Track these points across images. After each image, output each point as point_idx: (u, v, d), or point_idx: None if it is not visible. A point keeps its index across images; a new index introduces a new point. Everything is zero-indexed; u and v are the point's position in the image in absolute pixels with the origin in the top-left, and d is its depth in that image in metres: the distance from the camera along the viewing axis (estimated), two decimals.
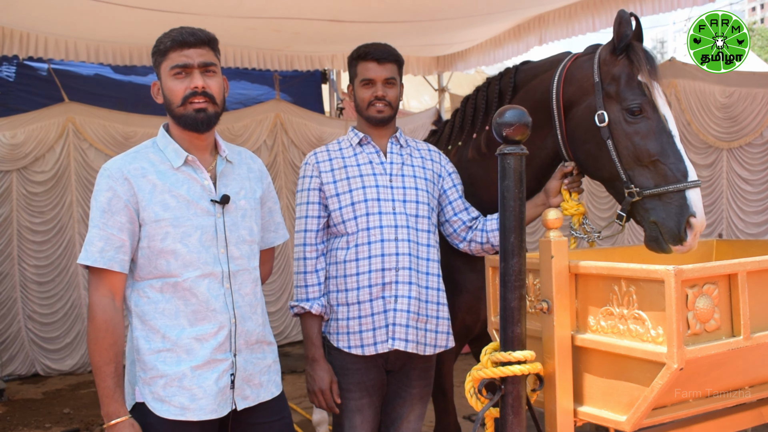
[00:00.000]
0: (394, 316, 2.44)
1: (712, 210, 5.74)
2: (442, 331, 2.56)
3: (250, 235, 2.17)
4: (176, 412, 2.00)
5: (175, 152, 2.09)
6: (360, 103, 2.58)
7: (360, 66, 2.57)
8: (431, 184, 2.62)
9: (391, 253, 2.45)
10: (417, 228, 2.51)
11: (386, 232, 2.46)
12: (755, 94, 5.34)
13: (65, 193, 6.19)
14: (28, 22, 5.29)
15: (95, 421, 4.91)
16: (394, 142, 2.63)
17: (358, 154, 2.58)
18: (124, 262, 2.02)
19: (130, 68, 6.49)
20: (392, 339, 2.44)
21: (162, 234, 2.02)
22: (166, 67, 2.05)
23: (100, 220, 2.01)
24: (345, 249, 2.48)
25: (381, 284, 2.45)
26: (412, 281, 2.46)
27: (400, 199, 2.51)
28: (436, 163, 2.68)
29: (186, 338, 2.03)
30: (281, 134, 6.93)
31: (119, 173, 2.03)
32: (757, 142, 5.39)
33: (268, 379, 2.19)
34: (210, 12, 4.87)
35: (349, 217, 2.48)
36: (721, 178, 5.65)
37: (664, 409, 1.85)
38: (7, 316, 5.99)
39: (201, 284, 2.04)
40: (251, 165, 2.28)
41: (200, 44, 2.05)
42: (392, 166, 2.57)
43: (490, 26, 6.27)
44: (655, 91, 2.32)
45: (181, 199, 2.05)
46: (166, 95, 2.08)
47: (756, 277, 1.83)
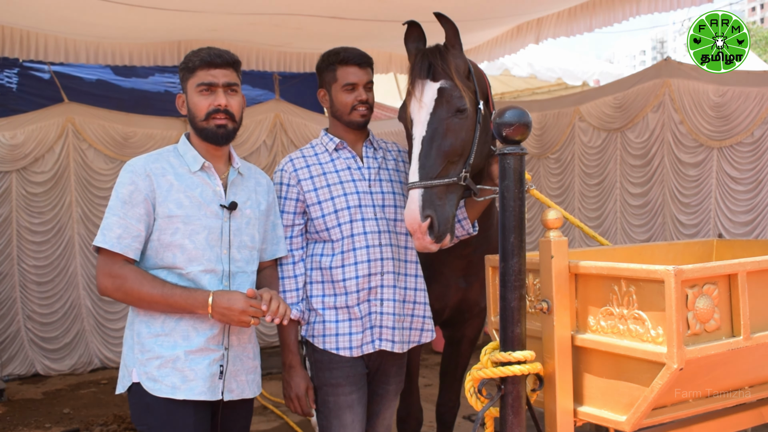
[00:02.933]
0: (381, 318, 2.53)
1: (700, 209, 5.75)
2: (420, 328, 2.66)
3: (252, 242, 2.34)
4: (167, 390, 2.15)
5: (193, 158, 2.29)
6: (342, 108, 2.60)
7: (340, 70, 2.59)
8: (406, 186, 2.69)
9: (376, 259, 2.53)
10: (397, 231, 2.61)
11: (370, 238, 2.53)
12: (748, 92, 5.33)
13: (65, 194, 6.18)
14: (28, 20, 5.28)
15: (95, 421, 4.91)
16: (368, 146, 2.68)
17: (335, 159, 2.62)
18: (138, 250, 2.19)
19: (130, 70, 6.49)
20: (379, 340, 2.53)
21: (172, 229, 2.19)
22: (193, 84, 2.25)
23: (120, 209, 2.18)
24: (330, 255, 2.53)
25: (367, 288, 2.52)
26: (396, 285, 2.56)
27: (380, 205, 2.59)
28: (405, 164, 2.76)
29: (184, 325, 2.19)
30: (281, 134, 6.93)
31: (142, 170, 2.22)
32: (747, 141, 5.38)
33: (252, 379, 2.34)
34: (210, 9, 4.86)
35: (333, 224, 2.53)
36: (711, 177, 5.64)
37: (664, 409, 1.85)
38: (7, 316, 5.98)
39: (203, 278, 2.21)
40: (259, 180, 2.46)
41: (226, 65, 2.26)
42: (369, 171, 2.63)
43: (491, 30, 6.28)
44: (413, 95, 2.49)
45: (194, 200, 2.23)
46: (191, 109, 2.28)
47: (756, 277, 1.83)
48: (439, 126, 2.42)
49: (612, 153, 6.47)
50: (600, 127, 6.54)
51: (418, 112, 2.45)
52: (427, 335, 2.68)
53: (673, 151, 5.91)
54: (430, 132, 2.41)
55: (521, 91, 8.79)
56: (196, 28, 5.46)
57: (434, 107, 2.43)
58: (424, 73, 2.48)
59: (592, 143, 6.64)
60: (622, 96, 6.31)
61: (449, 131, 2.43)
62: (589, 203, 6.70)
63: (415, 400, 3.22)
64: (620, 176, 6.40)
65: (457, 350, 3.31)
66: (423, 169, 2.37)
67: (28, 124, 5.97)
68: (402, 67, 6.99)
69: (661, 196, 6.06)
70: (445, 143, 2.42)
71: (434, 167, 2.38)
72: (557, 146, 6.95)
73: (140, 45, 5.93)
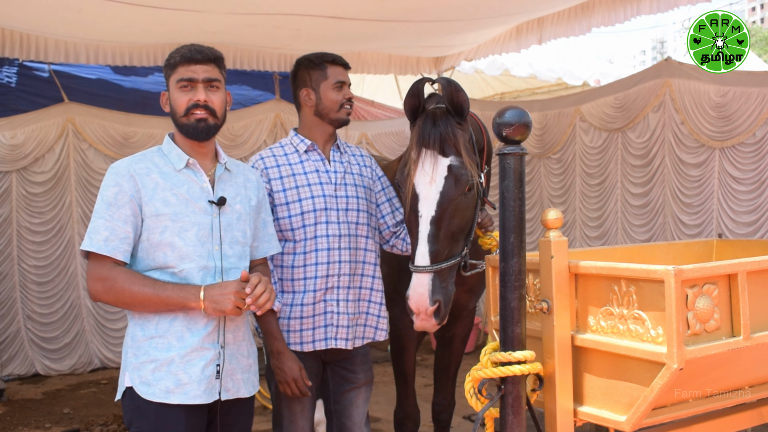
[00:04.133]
0: (336, 318, 2.62)
1: (702, 209, 5.75)
2: (376, 327, 2.75)
3: (243, 237, 2.32)
4: (161, 395, 2.12)
5: (178, 156, 2.27)
6: (331, 105, 2.67)
7: (331, 69, 2.68)
8: (368, 191, 2.78)
9: (334, 261, 2.61)
10: (357, 235, 2.69)
11: (331, 241, 2.62)
12: (749, 93, 5.32)
13: (65, 194, 6.19)
14: (27, 22, 5.28)
15: (95, 421, 4.91)
16: (335, 149, 2.75)
17: (304, 161, 2.68)
18: (127, 252, 2.16)
19: (130, 69, 6.48)
20: (334, 339, 2.62)
21: (161, 227, 2.17)
22: (174, 80, 2.25)
23: (106, 212, 2.16)
24: (292, 254, 2.61)
25: (324, 289, 2.61)
26: (351, 286, 2.66)
27: (343, 208, 2.66)
28: (368, 168, 2.83)
29: (177, 326, 2.16)
30: (281, 134, 6.93)
31: (126, 171, 2.20)
32: (749, 141, 5.37)
33: (247, 378, 2.32)
34: (210, 9, 4.86)
35: (298, 225, 2.60)
36: (713, 177, 5.64)
37: (664, 409, 1.85)
38: (7, 316, 5.99)
39: (196, 275, 2.18)
40: (249, 176, 2.44)
41: (206, 61, 2.24)
42: (336, 174, 2.69)
43: (491, 29, 6.27)
44: (417, 167, 2.41)
45: (181, 197, 2.21)
46: (172, 105, 2.28)
47: (756, 277, 1.83)
48: (449, 206, 2.39)
49: (613, 153, 6.47)
50: (601, 127, 6.54)
51: (426, 187, 2.40)
52: (382, 334, 2.77)
53: (675, 152, 5.91)
54: (439, 212, 2.38)
55: (521, 91, 8.79)
56: (196, 30, 5.45)
57: (444, 186, 2.39)
58: (434, 145, 2.41)
59: (593, 143, 6.64)
60: (622, 96, 6.31)
61: (457, 211, 2.42)
62: (590, 203, 6.70)
63: (411, 402, 3.25)
64: (621, 176, 6.40)
65: (449, 349, 3.36)
66: (432, 252, 2.35)
67: (28, 123, 5.98)
68: (401, 68, 7.00)
69: (662, 196, 6.06)
70: (453, 224, 2.41)
71: (442, 250, 2.38)
72: (558, 146, 6.95)
73: (140, 46, 5.94)
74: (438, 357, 3.41)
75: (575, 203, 6.83)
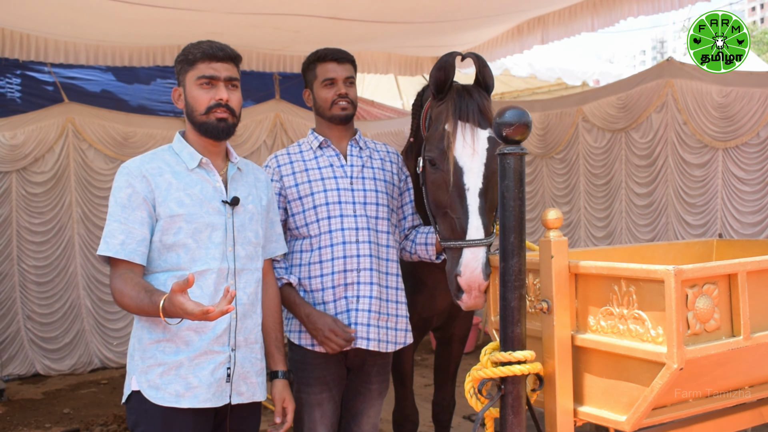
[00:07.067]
0: (357, 315, 2.52)
1: (706, 210, 5.75)
2: (402, 329, 2.66)
3: (256, 238, 2.28)
4: (171, 399, 2.06)
5: (190, 155, 2.20)
6: (322, 104, 2.65)
7: (319, 68, 2.64)
8: (390, 186, 2.70)
9: (352, 255, 2.53)
10: (377, 229, 2.60)
11: (347, 234, 2.54)
12: (752, 93, 5.32)
13: (65, 194, 6.18)
14: (27, 22, 5.28)
15: (95, 421, 4.91)
16: (353, 145, 2.69)
17: (318, 157, 2.65)
18: (144, 254, 2.10)
19: (133, 77, 6.48)
20: (355, 337, 2.51)
21: (175, 229, 2.11)
22: (193, 77, 2.17)
23: (120, 214, 2.09)
24: (309, 251, 2.56)
25: (343, 285, 2.53)
26: (374, 281, 2.55)
27: (361, 202, 2.59)
28: (394, 164, 2.76)
29: (186, 329, 2.09)
30: (281, 134, 6.94)
31: (138, 171, 2.13)
32: (753, 141, 5.37)
33: (261, 381, 2.28)
34: (210, 8, 4.86)
35: (312, 220, 2.55)
36: (716, 177, 5.64)
37: (664, 409, 1.85)
38: (7, 316, 5.99)
39: (208, 278, 2.12)
40: (258, 175, 2.40)
41: (227, 59, 2.19)
42: (352, 168, 2.64)
43: (491, 28, 6.27)
44: (457, 139, 2.32)
45: (195, 198, 2.15)
46: (190, 102, 2.19)
47: (756, 277, 1.83)
48: (492, 178, 2.33)
49: (617, 153, 6.48)
50: (604, 127, 6.54)
51: (470, 159, 2.32)
52: (409, 336, 2.70)
53: (678, 152, 5.91)
54: (485, 184, 2.32)
55: (521, 90, 8.79)
56: (196, 31, 5.44)
57: (486, 157, 2.34)
58: (473, 117, 2.36)
59: (597, 143, 6.64)
60: (625, 96, 6.31)
61: (496, 184, 2.36)
62: (596, 203, 6.70)
63: (410, 403, 3.23)
64: (625, 176, 6.41)
65: (448, 349, 3.35)
66: (485, 225, 2.29)
67: (28, 124, 5.98)
68: (401, 68, 6.99)
69: (666, 196, 6.06)
70: (495, 196, 2.37)
71: (490, 222, 2.33)
72: (561, 146, 6.95)
73: (140, 47, 5.93)
74: (437, 357, 3.41)
75: (580, 203, 6.83)
